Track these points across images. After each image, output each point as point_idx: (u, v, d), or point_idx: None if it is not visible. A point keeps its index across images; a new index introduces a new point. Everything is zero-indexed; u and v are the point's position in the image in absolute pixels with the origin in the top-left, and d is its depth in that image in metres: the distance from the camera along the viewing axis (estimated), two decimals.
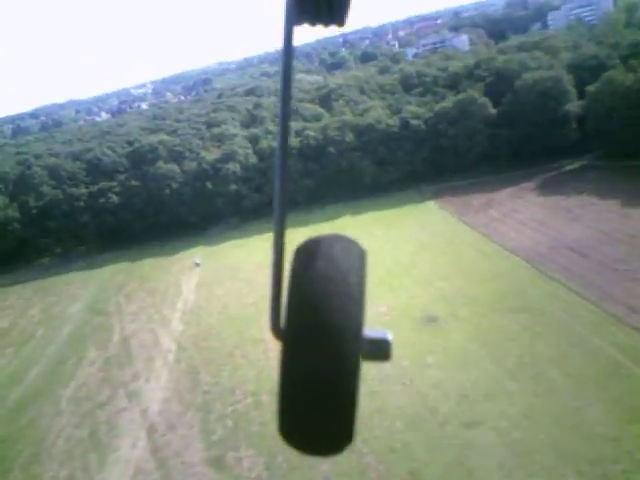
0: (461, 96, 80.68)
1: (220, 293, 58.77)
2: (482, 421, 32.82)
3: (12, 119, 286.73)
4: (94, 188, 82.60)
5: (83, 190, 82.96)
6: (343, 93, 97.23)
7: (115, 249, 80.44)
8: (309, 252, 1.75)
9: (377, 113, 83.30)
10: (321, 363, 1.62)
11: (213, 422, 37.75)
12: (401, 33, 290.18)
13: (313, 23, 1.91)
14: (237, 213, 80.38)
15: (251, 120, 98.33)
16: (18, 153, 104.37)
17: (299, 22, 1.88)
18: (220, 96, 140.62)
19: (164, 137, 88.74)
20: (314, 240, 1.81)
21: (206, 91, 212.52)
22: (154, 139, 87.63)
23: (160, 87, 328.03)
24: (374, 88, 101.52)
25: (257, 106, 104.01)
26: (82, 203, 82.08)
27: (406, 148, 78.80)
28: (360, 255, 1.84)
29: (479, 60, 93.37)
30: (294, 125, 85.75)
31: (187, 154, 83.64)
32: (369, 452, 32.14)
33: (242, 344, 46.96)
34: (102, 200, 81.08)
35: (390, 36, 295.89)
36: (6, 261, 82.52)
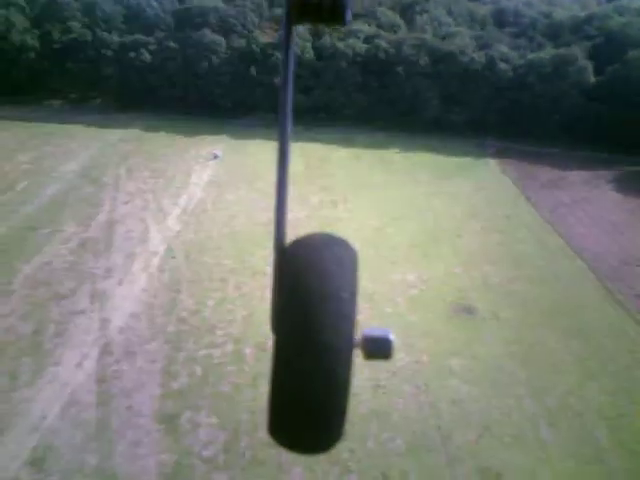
0: (561, 51, 69.18)
1: (231, 199, 50.76)
2: (503, 474, 25.66)
3: None
4: (128, 39, 72.80)
5: (115, 38, 73.20)
6: (428, 9, 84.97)
7: (132, 111, 71.85)
8: (302, 253, 1.77)
9: (463, 42, 72.00)
10: (313, 363, 1.64)
11: (180, 363, 30.75)
12: None
13: (314, 22, 1.91)
14: (276, 110, 70.75)
15: None
16: None
17: (300, 21, 1.90)
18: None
19: (219, 4, 77.78)
20: (306, 244, 1.83)
21: None
22: (208, 3, 76.74)
23: None
24: (463, 14, 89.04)
25: None
26: (110, 52, 72.61)
27: (483, 91, 68.27)
28: (351, 261, 1.84)
29: (590, 15, 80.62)
30: (365, 29, 74.89)
31: (239, 29, 73.14)
32: (355, 470, 25.20)
33: (240, 271, 39.47)
34: (132, 55, 71.50)
35: None
36: (14, 92, 74.37)
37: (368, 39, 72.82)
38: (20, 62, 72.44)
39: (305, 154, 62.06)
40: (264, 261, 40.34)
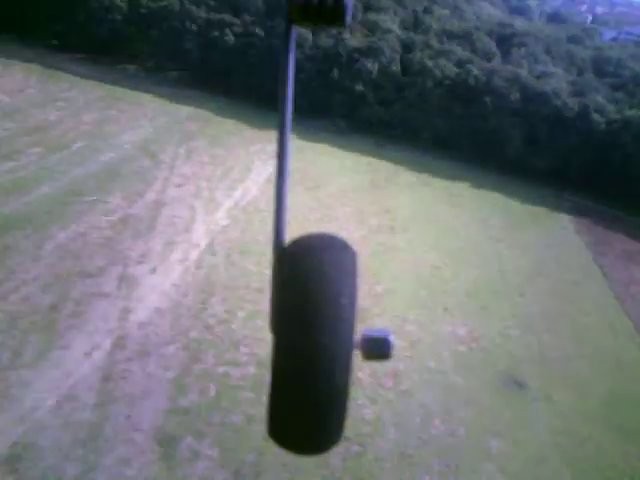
0: None
1: (291, 201, 47.85)
2: None
3: None
4: (214, 17, 70.80)
5: (202, 14, 71.33)
6: (527, 43, 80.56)
7: (207, 91, 69.84)
8: (301, 253, 1.81)
9: (558, 84, 67.45)
10: (312, 363, 1.66)
11: (194, 377, 27.93)
12: (598, 9, 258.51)
13: (314, 23, 1.93)
14: (348, 119, 67.92)
15: (413, 24, 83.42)
16: None
17: (299, 22, 1.94)
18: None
19: None
20: (305, 240, 1.88)
21: None
22: None
23: None
24: (562, 55, 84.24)
25: (426, 11, 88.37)
26: (195, 27, 70.72)
27: (571, 140, 63.57)
28: (351, 256, 1.87)
29: None
30: (459, 51, 71.19)
31: (324, 33, 70.38)
32: None
33: None
34: (216, 33, 69.47)
35: (585, 8, 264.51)
36: (94, 51, 73.43)
37: (460, 63, 69.01)
38: (105, 22, 71.29)
39: (372, 170, 58.92)
40: None
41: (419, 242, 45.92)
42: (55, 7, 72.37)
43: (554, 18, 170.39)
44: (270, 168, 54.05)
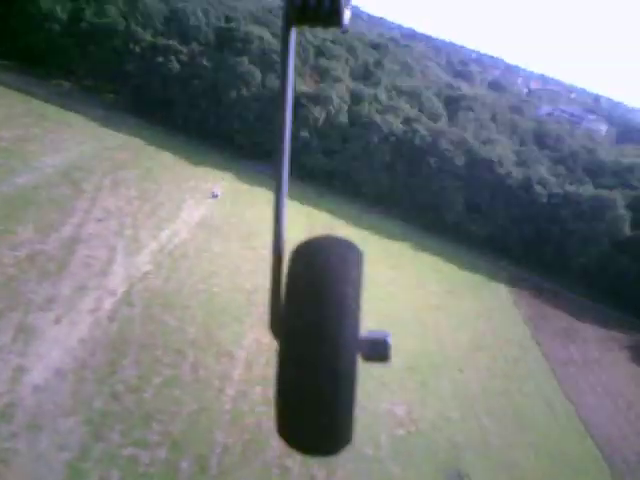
0: (601, 192, 64.65)
1: (218, 251, 44.09)
2: None
3: None
4: (161, 41, 67.27)
5: (148, 37, 67.67)
6: (474, 107, 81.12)
7: (143, 119, 65.74)
8: (307, 257, 1.79)
9: (503, 152, 67.43)
10: (319, 365, 1.66)
11: (93, 460, 23.32)
12: (533, 85, 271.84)
13: (312, 25, 1.94)
14: (291, 164, 65.15)
15: (363, 75, 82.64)
16: None
17: (298, 24, 1.92)
18: (344, 32, 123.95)
19: (266, 34, 72.99)
20: (311, 243, 1.85)
21: None
22: (254, 30, 71.88)
23: None
24: (505, 122, 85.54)
25: (377, 64, 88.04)
26: (138, 49, 66.83)
27: (512, 210, 63.20)
28: (357, 260, 1.84)
29: (634, 164, 77.07)
30: (407, 108, 70.42)
31: (278, 67, 68.07)
32: None
33: (203, 346, 32.49)
34: (161, 59, 65.80)
35: (520, 81, 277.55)
36: (27, 61, 68.13)
37: (408, 120, 68.07)
38: (41, 31, 66.32)
39: (311, 222, 56.09)
40: (235, 340, 33.67)
41: None
42: None
43: (494, 86, 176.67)
44: (203, 209, 50.35)
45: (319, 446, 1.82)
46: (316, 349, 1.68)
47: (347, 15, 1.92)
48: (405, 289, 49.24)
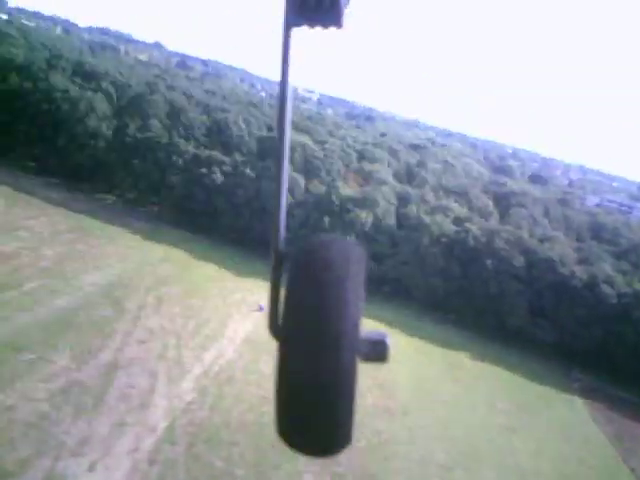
0: None
1: (268, 372, 40.45)
2: None
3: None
4: (203, 153, 67.32)
5: (191, 148, 67.91)
6: (525, 204, 78.18)
7: (188, 230, 64.70)
8: (307, 256, 1.79)
9: (563, 250, 63.57)
10: (318, 365, 1.65)
11: None
12: (572, 176, 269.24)
13: (311, 25, 1.95)
14: None
15: (407, 177, 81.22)
16: (157, 76, 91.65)
17: (298, 24, 1.94)
18: (383, 135, 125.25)
19: (308, 141, 72.79)
20: (312, 243, 1.85)
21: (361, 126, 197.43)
22: (296, 137, 71.74)
23: (325, 101, 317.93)
24: (557, 217, 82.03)
25: (420, 164, 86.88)
26: (181, 161, 66.92)
27: (579, 312, 58.43)
28: (359, 258, 1.83)
29: None
30: (456, 208, 67.92)
31: (322, 173, 67.00)
32: None
33: None
34: (204, 170, 65.48)
35: (559, 172, 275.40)
36: (73, 177, 68.92)
37: (458, 220, 65.38)
38: (87, 148, 67.31)
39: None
40: None
41: (422, 431, 38.51)
42: (36, 129, 68.52)
43: (536, 180, 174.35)
44: (249, 324, 47.41)
45: (319, 447, 1.80)
46: (316, 350, 1.64)
47: (346, 15, 1.91)
48: (472, 408, 44.44)
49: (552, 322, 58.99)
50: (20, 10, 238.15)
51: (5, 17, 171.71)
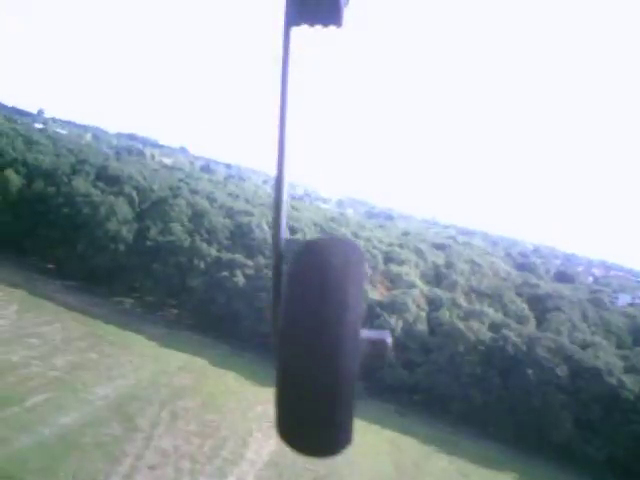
0: None
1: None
2: None
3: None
4: (225, 256, 65.31)
5: (213, 251, 66.03)
6: (562, 307, 74.11)
7: (207, 335, 61.60)
8: (306, 257, 1.78)
9: (607, 357, 58.94)
10: (318, 367, 1.65)
11: None
12: (596, 272, 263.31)
13: (311, 24, 1.95)
14: (372, 381, 58.25)
15: (435, 278, 78.13)
16: (180, 180, 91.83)
17: (298, 23, 1.93)
18: (406, 234, 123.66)
19: None
20: (311, 244, 1.84)
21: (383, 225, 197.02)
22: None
23: (345, 201, 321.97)
24: (595, 321, 77.51)
25: (448, 266, 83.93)
26: (203, 264, 64.86)
27: (634, 428, 53.04)
28: (358, 259, 1.83)
29: None
30: (491, 313, 64.22)
31: None
32: None
33: None
34: (225, 273, 63.18)
35: (582, 269, 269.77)
36: (89, 279, 67.05)
37: (494, 326, 61.49)
38: (107, 252, 65.77)
39: (396, 450, 47.76)
40: None
41: None
42: (56, 232, 67.45)
43: (561, 278, 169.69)
44: (272, 443, 43.03)
45: (319, 447, 1.80)
46: (316, 350, 1.64)
47: (346, 14, 1.91)
48: None
49: (603, 437, 53.50)
50: (55, 120, 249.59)
51: (40, 126, 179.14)
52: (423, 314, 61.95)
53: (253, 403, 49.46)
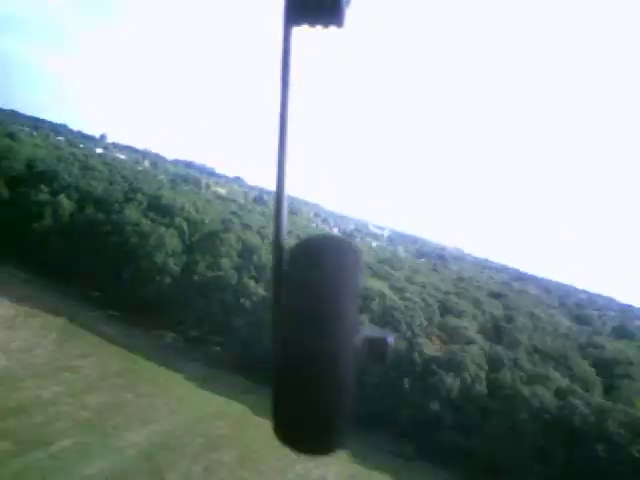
0: None
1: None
2: None
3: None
4: (269, 294, 62.12)
5: (260, 290, 63.03)
6: (631, 373, 67.75)
7: (250, 377, 58.07)
8: (301, 258, 1.78)
9: None
10: (315, 366, 1.65)
11: None
12: None
13: (312, 24, 1.92)
14: (416, 440, 53.55)
15: (494, 332, 72.99)
16: (232, 213, 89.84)
17: (298, 23, 1.90)
18: (461, 280, 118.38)
19: (386, 289, 66.86)
20: (306, 244, 1.83)
21: (437, 265, 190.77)
22: (374, 284, 65.98)
23: (395, 237, 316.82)
24: None
25: (508, 320, 78.61)
26: (249, 303, 61.87)
27: None
28: (354, 259, 1.82)
29: None
30: (557, 377, 58.84)
31: (402, 327, 59.92)
32: None
33: None
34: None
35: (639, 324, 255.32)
36: (134, 312, 64.94)
37: (560, 392, 56.02)
38: (153, 283, 63.66)
39: None
40: None
41: None
42: (102, 260, 65.84)
43: (620, 333, 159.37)
44: None
45: (315, 446, 1.78)
46: (314, 349, 1.62)
47: (347, 13, 1.89)
48: None
49: None
50: (115, 145, 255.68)
51: (100, 151, 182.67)
52: (482, 374, 57.04)
53: (293, 460, 45.40)
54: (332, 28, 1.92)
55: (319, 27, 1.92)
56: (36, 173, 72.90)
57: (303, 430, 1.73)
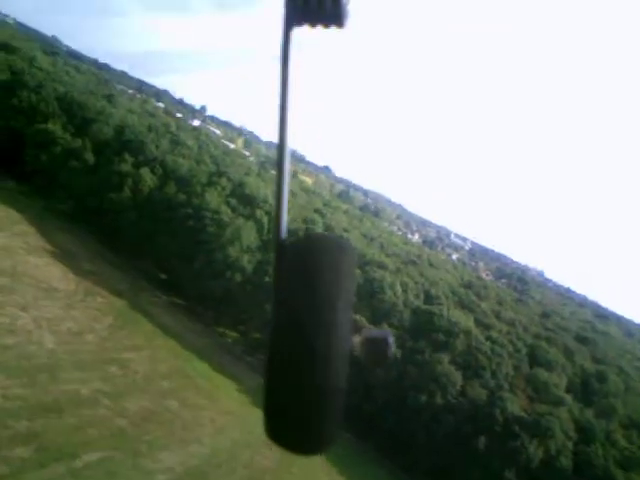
0: None
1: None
2: None
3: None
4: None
5: None
6: None
7: None
8: (298, 256, 1.77)
9: None
10: (307, 367, 1.63)
11: None
12: None
13: (312, 24, 1.92)
14: None
15: (583, 390, 64.44)
16: (316, 211, 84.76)
17: (298, 23, 1.90)
18: (546, 316, 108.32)
19: (472, 326, 59.73)
20: (302, 242, 1.84)
21: (519, 291, 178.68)
22: (460, 318, 59.04)
23: (477, 250, 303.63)
24: None
25: (600, 377, 69.55)
26: None
27: None
28: (350, 257, 1.82)
29: None
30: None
31: (487, 376, 52.84)
32: None
33: None
34: None
35: None
36: (198, 305, 61.26)
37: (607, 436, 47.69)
38: (222, 277, 59.61)
39: None
40: None
41: None
42: (175, 243, 62.20)
43: None
44: None
45: (306, 445, 1.78)
46: (307, 349, 1.62)
47: (348, 13, 1.88)
48: None
49: None
50: (214, 118, 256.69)
51: (197, 123, 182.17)
52: (570, 445, 49.38)
53: None
54: (333, 29, 1.89)
55: (320, 28, 1.88)
56: (123, 141, 70.11)
57: (293, 429, 1.68)
